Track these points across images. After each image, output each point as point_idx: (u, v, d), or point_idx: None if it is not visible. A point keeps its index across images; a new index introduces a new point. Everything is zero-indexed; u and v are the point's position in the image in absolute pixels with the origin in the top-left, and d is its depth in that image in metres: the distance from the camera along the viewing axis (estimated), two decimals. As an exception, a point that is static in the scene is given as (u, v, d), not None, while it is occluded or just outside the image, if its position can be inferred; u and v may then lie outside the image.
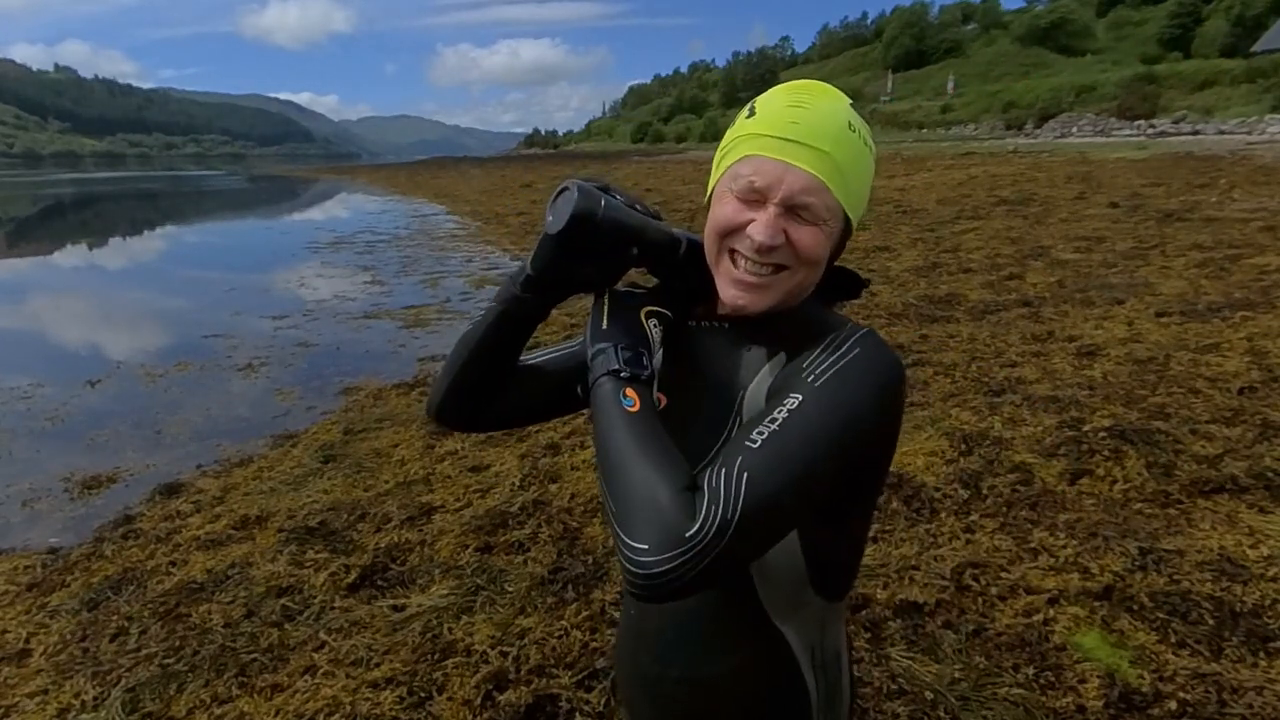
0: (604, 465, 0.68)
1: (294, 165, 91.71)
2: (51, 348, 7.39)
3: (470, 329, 0.89)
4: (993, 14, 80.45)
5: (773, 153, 0.72)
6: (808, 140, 0.71)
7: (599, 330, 0.78)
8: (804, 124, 0.72)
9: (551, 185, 6.98)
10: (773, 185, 0.72)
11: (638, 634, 0.89)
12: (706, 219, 0.80)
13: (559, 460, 3.74)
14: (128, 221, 23.13)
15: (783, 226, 0.73)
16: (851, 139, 0.73)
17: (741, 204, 0.75)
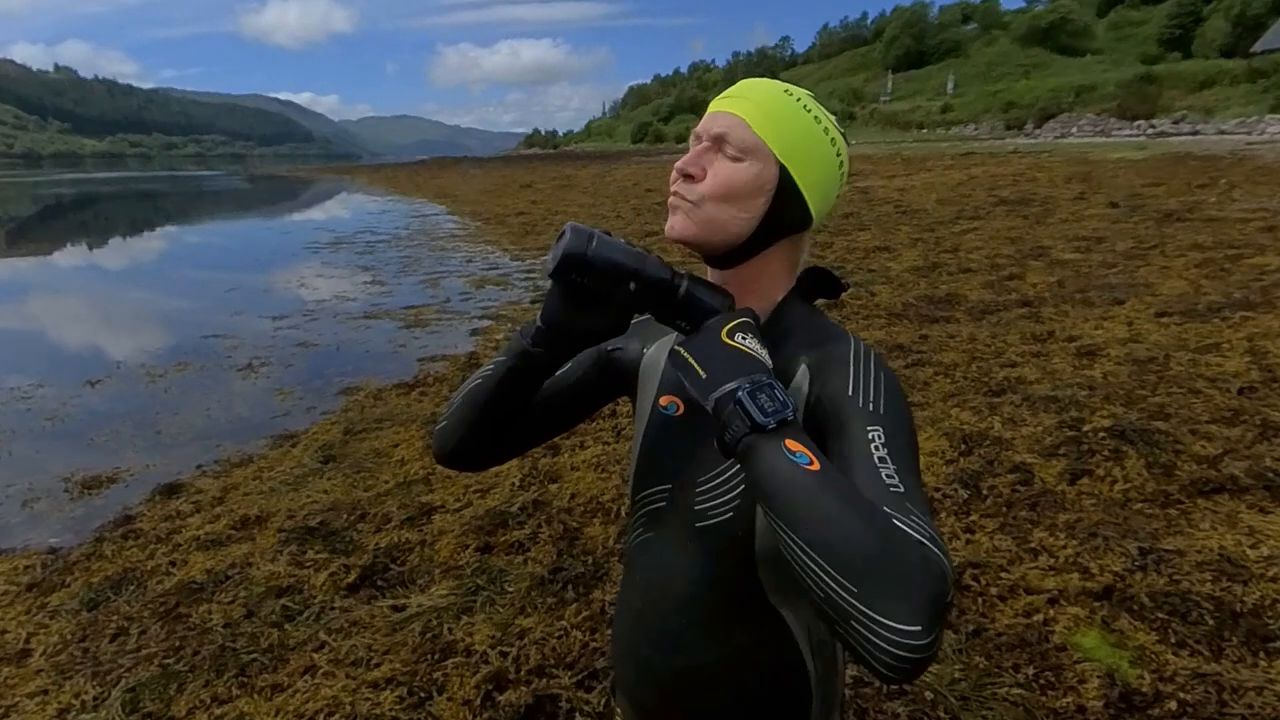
0: (813, 545, 0.57)
1: (294, 165, 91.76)
2: (52, 348, 7.40)
3: (479, 382, 0.89)
4: (993, 14, 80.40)
5: (714, 106, 0.81)
6: (739, 93, 0.80)
7: (701, 378, 0.68)
8: (741, 85, 0.81)
9: (552, 185, 7.02)
10: (704, 128, 0.80)
11: (641, 626, 0.89)
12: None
13: (559, 460, 3.74)
14: (128, 221, 23.13)
15: (703, 161, 0.78)
16: (781, 99, 0.79)
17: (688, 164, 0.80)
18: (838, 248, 9.54)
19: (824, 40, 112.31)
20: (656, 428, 0.88)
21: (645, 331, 0.94)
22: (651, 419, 0.89)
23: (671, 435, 0.86)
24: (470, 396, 0.88)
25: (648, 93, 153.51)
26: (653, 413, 0.89)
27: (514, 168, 41.33)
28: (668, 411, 0.87)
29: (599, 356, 0.94)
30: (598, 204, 17.95)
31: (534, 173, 33.00)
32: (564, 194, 21.28)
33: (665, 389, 0.88)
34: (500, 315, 7.44)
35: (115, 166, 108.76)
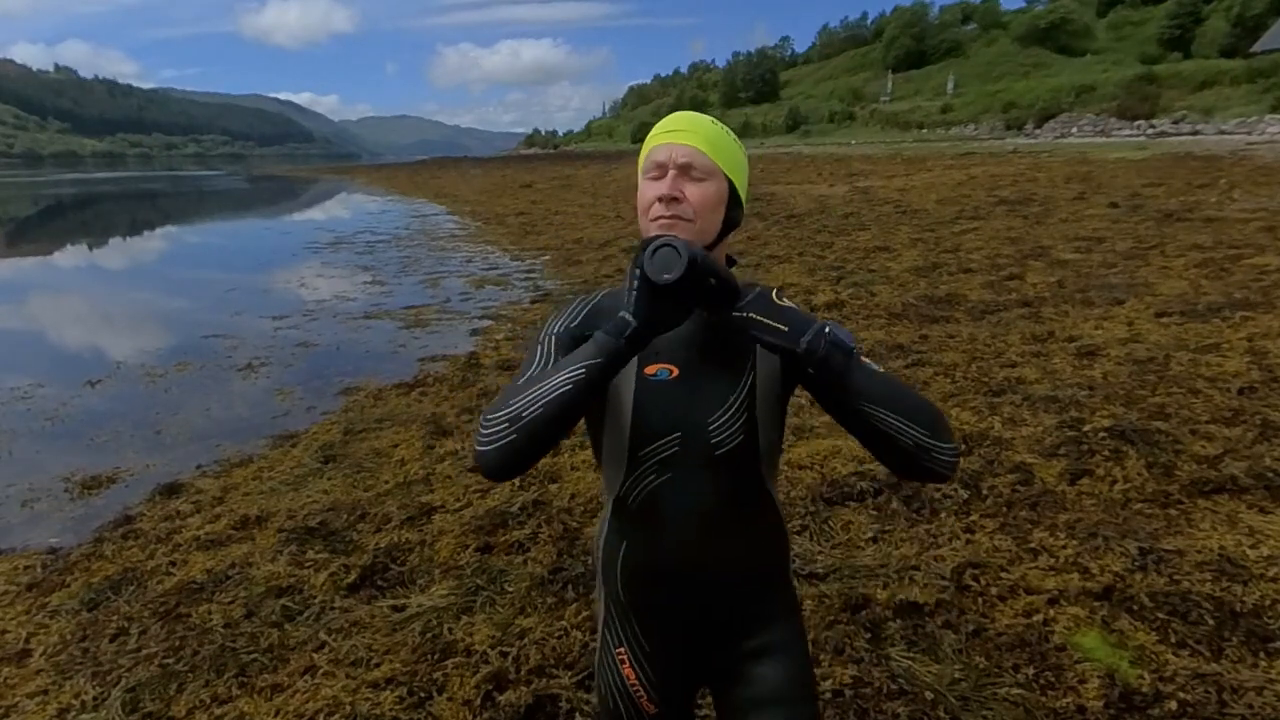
0: (904, 414, 0.93)
1: (294, 165, 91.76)
2: (52, 348, 7.40)
3: (554, 394, 0.92)
4: (993, 14, 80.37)
5: (664, 140, 1.02)
6: (682, 127, 1.02)
7: (784, 331, 0.92)
8: (678, 121, 1.03)
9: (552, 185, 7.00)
10: (667, 158, 1.00)
11: (678, 550, 1.05)
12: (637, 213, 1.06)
13: (559, 460, 3.74)
14: (128, 221, 23.13)
15: (680, 186, 1.00)
16: (715, 128, 1.03)
17: (650, 181, 1.02)
18: (838, 248, 9.54)
19: (824, 40, 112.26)
20: (649, 393, 1.03)
21: (600, 313, 1.07)
22: (640, 387, 1.03)
23: (668, 395, 1.02)
24: (558, 409, 0.92)
25: (648, 93, 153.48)
26: (640, 382, 1.03)
27: (514, 168, 41.33)
28: (660, 378, 1.03)
29: (577, 344, 1.01)
30: (598, 204, 17.95)
31: (534, 173, 33.00)
32: (564, 194, 21.28)
33: (648, 360, 1.03)
34: (500, 315, 7.44)
35: (115, 166, 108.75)
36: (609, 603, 1.15)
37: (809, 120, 68.91)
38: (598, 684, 1.18)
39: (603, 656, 1.16)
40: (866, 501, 3.13)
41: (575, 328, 1.06)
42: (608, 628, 1.15)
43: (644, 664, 1.12)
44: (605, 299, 1.10)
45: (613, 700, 1.14)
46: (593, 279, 8.91)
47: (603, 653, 1.16)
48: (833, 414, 1.00)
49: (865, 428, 0.95)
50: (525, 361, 1.04)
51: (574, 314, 1.08)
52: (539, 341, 1.06)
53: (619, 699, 1.14)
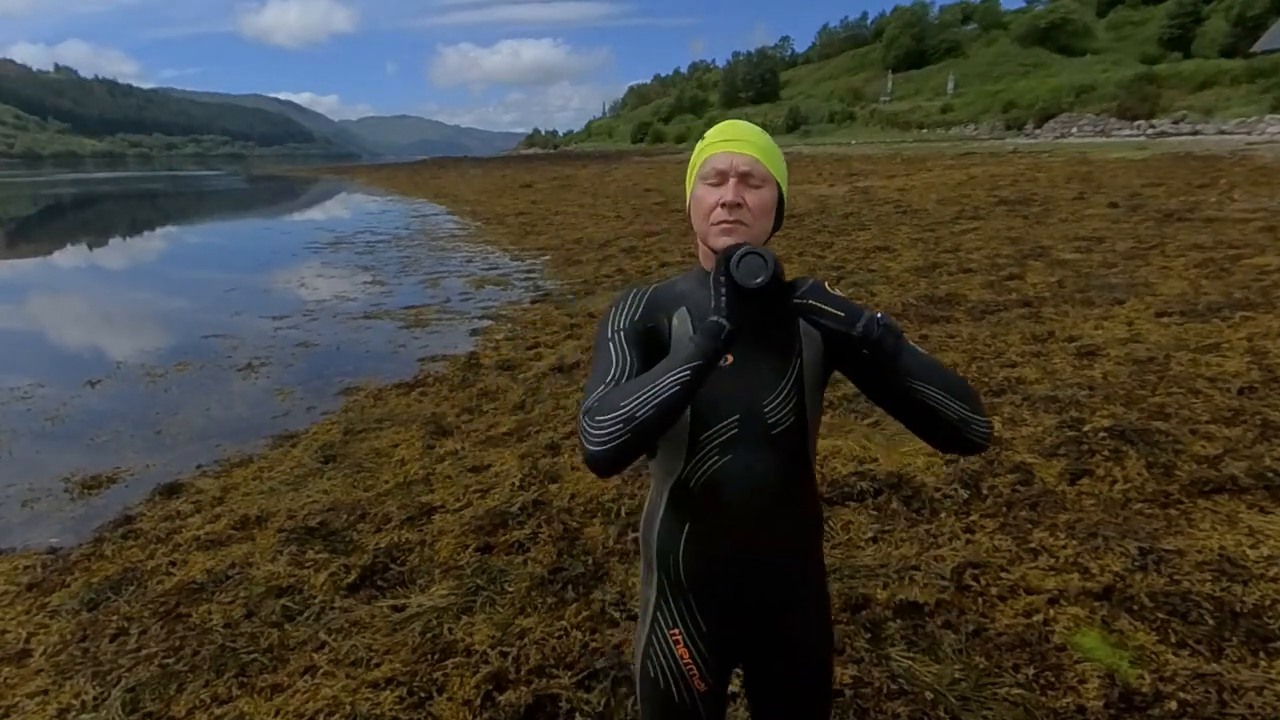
0: (948, 390, 1.02)
1: (294, 165, 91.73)
2: (52, 348, 7.40)
3: (674, 391, 0.98)
4: (993, 14, 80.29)
5: (723, 149, 1.10)
6: (741, 137, 1.11)
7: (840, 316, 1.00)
8: (734, 130, 1.12)
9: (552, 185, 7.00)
10: (728, 166, 1.09)
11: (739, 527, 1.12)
12: (691, 215, 1.14)
13: (559, 460, 3.75)
14: (128, 221, 23.14)
15: (741, 192, 1.08)
16: (766, 138, 1.14)
17: (710, 187, 1.10)
18: (838, 248, 9.54)
19: (824, 40, 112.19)
20: (711, 378, 1.05)
21: (658, 306, 1.15)
22: None
23: (725, 380, 1.09)
24: (667, 409, 0.98)
25: (648, 93, 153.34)
26: None
27: (514, 168, 41.33)
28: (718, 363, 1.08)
29: (645, 338, 1.12)
30: (598, 204, 17.95)
31: (534, 173, 33.00)
32: (564, 194, 21.28)
33: None
34: (500, 315, 7.44)
35: (115, 166, 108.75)
36: (664, 586, 1.20)
37: (809, 120, 68.91)
38: (643, 667, 1.20)
39: (652, 638, 1.19)
40: (866, 501, 3.13)
41: (638, 321, 1.13)
42: (660, 610, 1.20)
43: (698, 644, 1.17)
44: (655, 292, 1.18)
45: (663, 680, 1.18)
46: (593, 279, 8.91)
47: (652, 635, 1.19)
48: (877, 395, 1.10)
49: (912, 404, 1.04)
50: (600, 362, 1.10)
51: (631, 308, 1.15)
52: (608, 340, 1.12)
53: (671, 678, 1.18)
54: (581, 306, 7.45)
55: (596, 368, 1.10)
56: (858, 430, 3.86)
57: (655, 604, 1.21)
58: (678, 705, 1.18)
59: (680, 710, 1.18)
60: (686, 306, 1.14)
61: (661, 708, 1.20)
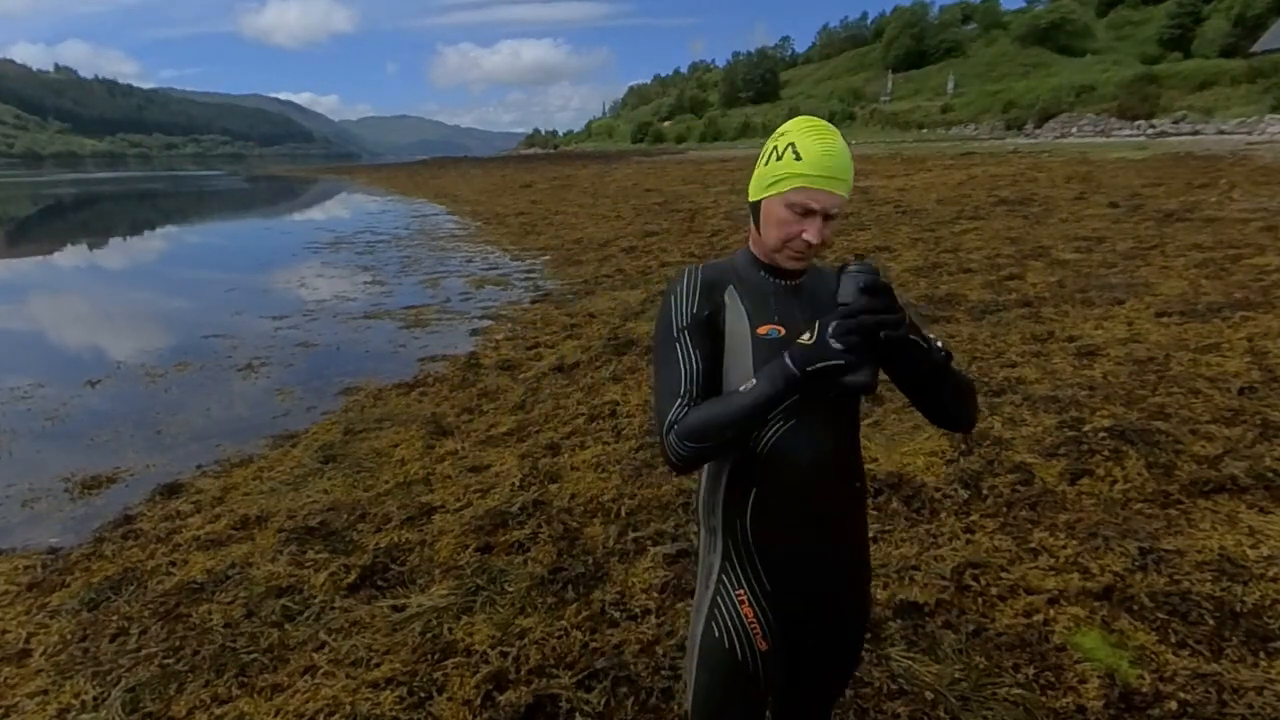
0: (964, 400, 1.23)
1: (294, 165, 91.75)
2: (52, 348, 7.40)
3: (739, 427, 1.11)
4: (993, 14, 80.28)
5: (821, 186, 1.11)
6: (838, 174, 1.12)
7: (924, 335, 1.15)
8: (835, 163, 1.11)
9: (551, 185, 7.01)
10: (822, 207, 1.12)
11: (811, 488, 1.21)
12: (760, 219, 1.19)
13: (559, 460, 3.74)
14: (128, 221, 23.14)
15: (825, 231, 1.14)
16: (851, 163, 1.15)
17: (797, 217, 1.14)
18: (838, 248, 9.54)
19: (824, 40, 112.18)
20: (765, 351, 1.16)
21: (712, 287, 1.21)
22: (756, 346, 1.18)
23: (781, 350, 1.11)
24: (743, 433, 1.13)
25: (648, 92, 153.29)
26: (755, 341, 1.18)
27: (514, 168, 41.33)
28: (771, 337, 1.18)
29: (706, 328, 1.18)
30: (598, 204, 17.95)
31: (534, 173, 33.00)
32: (564, 194, 21.28)
33: (759, 321, 1.19)
34: (500, 315, 7.44)
35: (115, 166, 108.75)
36: (730, 550, 1.26)
37: (809, 120, 68.72)
38: (706, 630, 1.26)
39: (717, 600, 1.26)
40: (866, 501, 3.13)
41: (698, 312, 1.19)
42: (725, 573, 1.26)
43: (762, 603, 1.24)
44: (706, 271, 1.23)
45: (728, 639, 1.24)
46: (593, 279, 8.91)
47: (718, 596, 1.26)
48: (908, 389, 1.22)
49: (937, 408, 1.22)
50: (670, 365, 1.17)
51: (689, 298, 1.20)
52: (674, 340, 1.18)
53: (736, 636, 1.24)
54: (581, 306, 7.44)
55: (667, 371, 1.17)
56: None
57: (720, 568, 1.27)
58: (740, 664, 1.23)
59: (743, 670, 1.24)
60: (734, 284, 1.21)
61: (725, 667, 1.24)
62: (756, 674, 1.24)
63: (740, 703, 1.25)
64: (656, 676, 2.17)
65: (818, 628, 1.30)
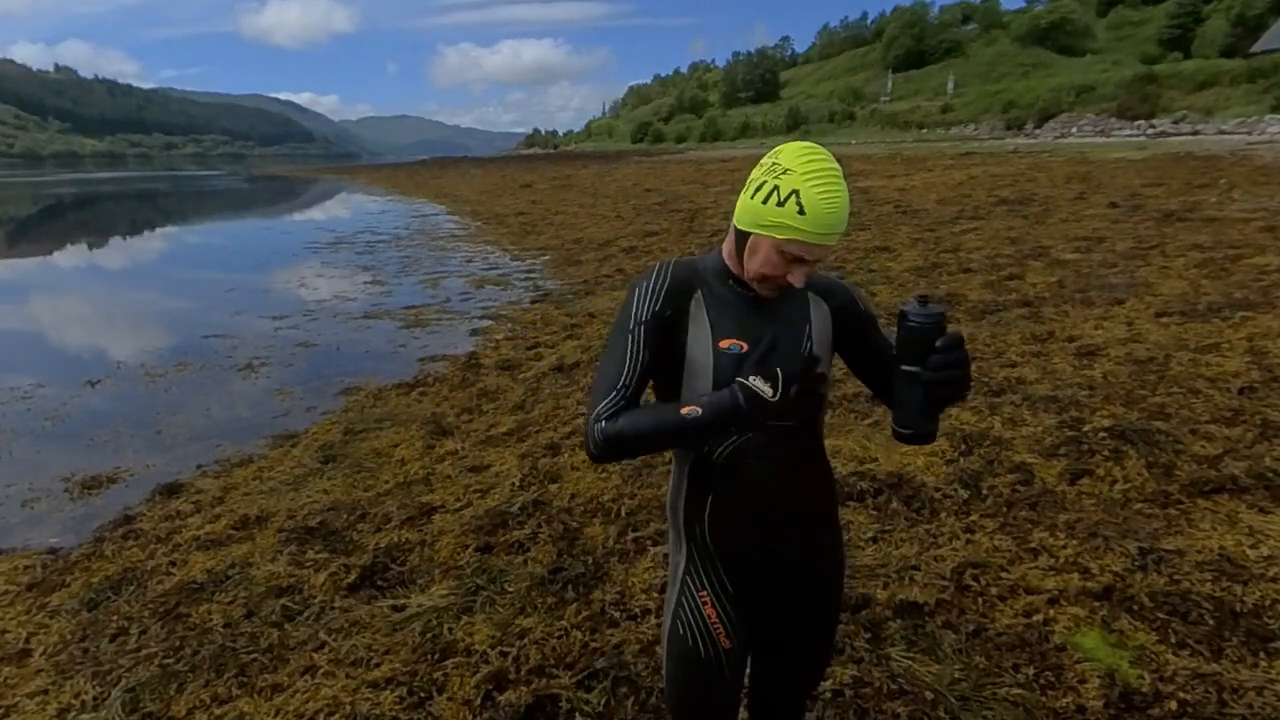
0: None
1: (294, 165, 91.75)
2: (52, 348, 7.40)
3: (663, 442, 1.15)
4: (993, 14, 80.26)
5: (816, 241, 1.09)
6: (838, 229, 1.10)
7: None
8: (837, 220, 1.08)
9: (551, 185, 7.02)
10: (814, 258, 1.12)
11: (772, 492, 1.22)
12: (745, 248, 1.15)
13: (559, 460, 3.74)
14: (128, 221, 23.14)
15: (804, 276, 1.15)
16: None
17: (782, 260, 1.12)
18: (838, 248, 9.53)
19: (824, 40, 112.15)
20: (725, 364, 1.16)
21: (680, 289, 1.19)
22: (717, 358, 1.17)
23: (742, 365, 1.13)
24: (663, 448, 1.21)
25: (648, 92, 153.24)
26: (716, 353, 1.17)
27: (514, 168, 41.33)
28: (733, 351, 1.16)
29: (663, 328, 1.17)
30: (598, 204, 17.95)
31: (533, 173, 32.99)
32: (564, 194, 21.28)
33: (722, 334, 1.17)
34: (500, 315, 7.44)
35: (115, 166, 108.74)
36: (692, 553, 1.28)
37: (809, 120, 68.90)
38: (672, 625, 1.30)
39: (682, 600, 1.28)
40: (866, 501, 3.13)
41: (659, 310, 1.17)
42: (689, 574, 1.28)
43: (724, 604, 1.26)
44: (677, 269, 1.21)
45: (692, 638, 1.27)
46: (593, 279, 8.91)
47: (682, 597, 1.28)
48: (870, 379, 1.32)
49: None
50: (615, 353, 1.16)
51: (654, 294, 1.18)
52: (628, 331, 1.17)
53: (699, 635, 1.27)
54: (581, 306, 7.44)
55: (612, 359, 1.17)
56: (858, 430, 3.86)
57: (684, 569, 1.29)
58: (703, 660, 1.27)
59: (705, 665, 1.27)
60: (702, 291, 1.20)
61: (689, 662, 1.28)
62: (721, 670, 1.27)
63: (706, 695, 1.29)
64: (656, 676, 2.17)
65: (783, 627, 1.33)
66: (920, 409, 1.13)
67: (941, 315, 1.09)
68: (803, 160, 1.08)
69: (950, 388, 1.09)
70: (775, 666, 1.40)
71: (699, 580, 1.27)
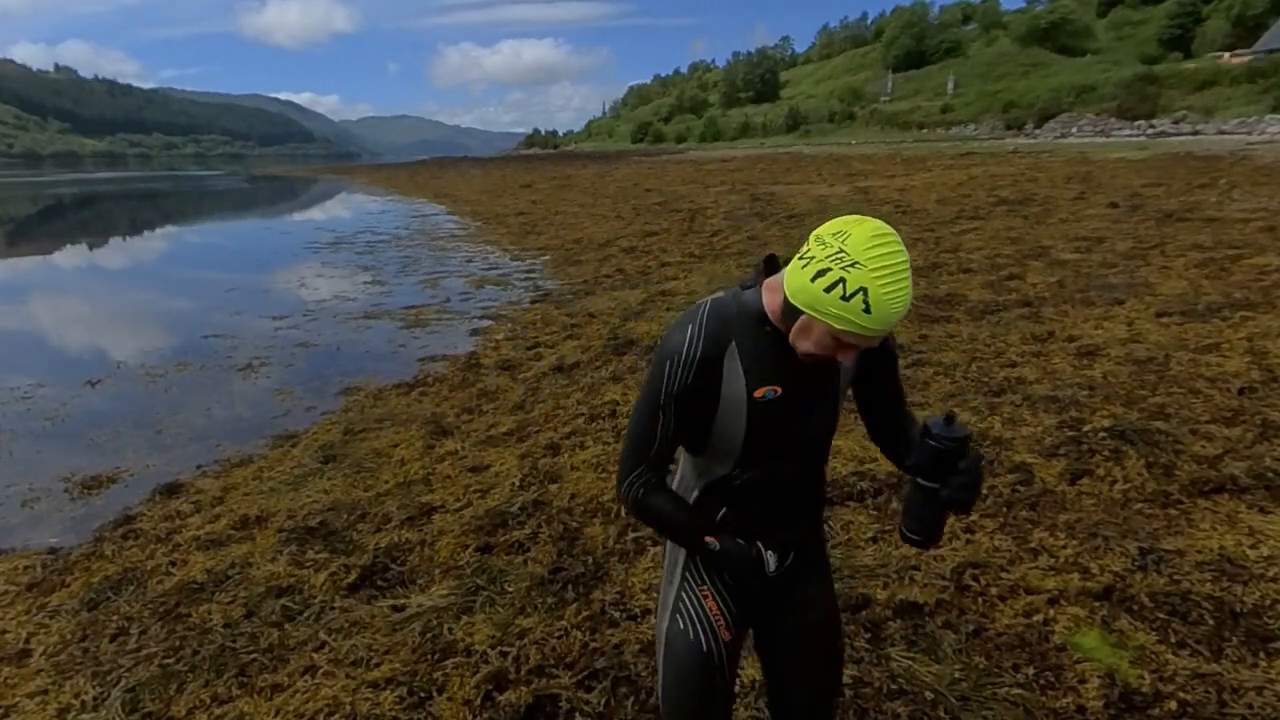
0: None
1: (294, 165, 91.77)
2: (52, 348, 7.40)
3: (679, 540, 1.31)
4: (993, 14, 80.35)
5: (873, 334, 1.04)
6: (898, 322, 1.04)
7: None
8: (898, 317, 1.03)
9: (551, 185, 7.00)
10: (862, 345, 1.08)
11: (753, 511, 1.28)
12: (793, 320, 1.10)
13: (559, 460, 3.74)
14: (128, 221, 23.14)
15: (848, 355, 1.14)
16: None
17: (832, 342, 1.08)
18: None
19: (824, 40, 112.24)
20: (761, 412, 1.19)
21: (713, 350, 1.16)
22: (752, 407, 1.18)
23: (781, 410, 1.19)
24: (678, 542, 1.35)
25: (648, 92, 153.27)
26: (751, 403, 1.18)
27: (514, 168, 41.34)
28: (768, 398, 1.18)
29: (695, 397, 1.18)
30: (598, 204, 17.95)
31: (534, 173, 33.00)
32: (564, 194, 21.28)
33: (757, 384, 1.17)
34: (500, 315, 7.44)
35: (115, 166, 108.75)
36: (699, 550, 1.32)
37: (809, 120, 68.93)
38: (671, 621, 1.33)
39: (682, 595, 1.32)
40: (866, 501, 3.13)
41: (691, 383, 1.17)
42: (690, 570, 1.32)
43: (725, 595, 1.31)
44: (711, 326, 1.16)
45: (693, 630, 1.30)
46: (593, 279, 8.91)
47: (683, 592, 1.32)
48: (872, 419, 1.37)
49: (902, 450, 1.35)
50: (645, 421, 1.20)
51: (686, 370, 1.16)
52: (659, 406, 1.18)
53: (700, 627, 1.30)
54: (581, 306, 7.44)
55: (643, 427, 1.21)
56: (858, 430, 3.86)
57: (685, 565, 1.33)
58: (705, 653, 1.29)
59: (707, 657, 1.30)
60: (735, 341, 1.17)
61: (689, 656, 1.30)
62: (721, 662, 1.30)
63: (706, 691, 1.31)
64: (656, 678, 2.17)
65: (779, 624, 1.37)
66: (933, 520, 1.18)
67: (967, 437, 1.11)
68: (873, 254, 0.99)
69: (964, 505, 1.15)
70: (790, 668, 1.39)
71: (700, 576, 1.31)
